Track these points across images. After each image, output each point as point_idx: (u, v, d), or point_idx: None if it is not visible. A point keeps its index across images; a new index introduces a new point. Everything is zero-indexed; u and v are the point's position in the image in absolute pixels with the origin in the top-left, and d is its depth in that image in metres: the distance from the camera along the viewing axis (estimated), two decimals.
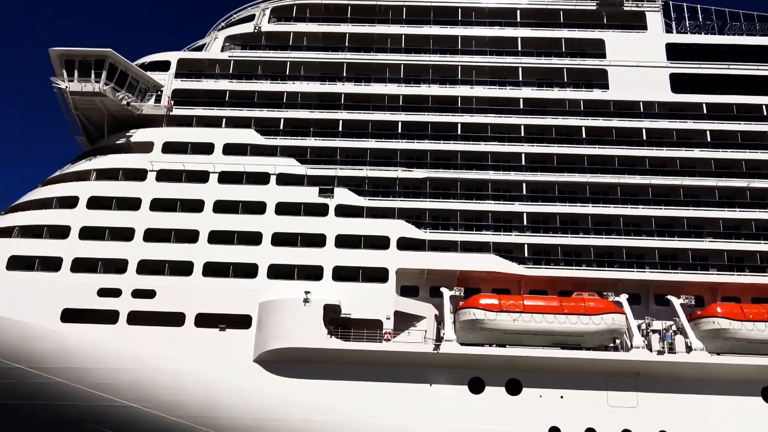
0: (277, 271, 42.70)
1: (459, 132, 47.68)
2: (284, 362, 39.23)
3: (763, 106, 48.29)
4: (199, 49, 52.87)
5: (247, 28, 52.00)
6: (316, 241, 43.77)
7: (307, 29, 51.60)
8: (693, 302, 42.21)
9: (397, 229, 44.13)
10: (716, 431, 38.04)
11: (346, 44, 51.05)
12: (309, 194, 45.34)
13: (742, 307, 40.85)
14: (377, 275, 42.75)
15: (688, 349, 39.45)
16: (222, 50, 51.48)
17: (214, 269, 42.77)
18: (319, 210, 44.82)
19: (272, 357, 39.36)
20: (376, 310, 41.16)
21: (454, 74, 49.99)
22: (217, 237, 43.73)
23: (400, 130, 47.85)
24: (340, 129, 47.98)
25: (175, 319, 40.88)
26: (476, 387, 39.09)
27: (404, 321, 41.87)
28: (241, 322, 40.83)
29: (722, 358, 39.45)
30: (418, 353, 39.50)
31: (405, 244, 43.74)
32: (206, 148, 46.92)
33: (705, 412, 38.46)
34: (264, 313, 40.70)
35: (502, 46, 50.83)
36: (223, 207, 44.73)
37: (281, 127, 48.06)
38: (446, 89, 49.32)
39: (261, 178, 45.87)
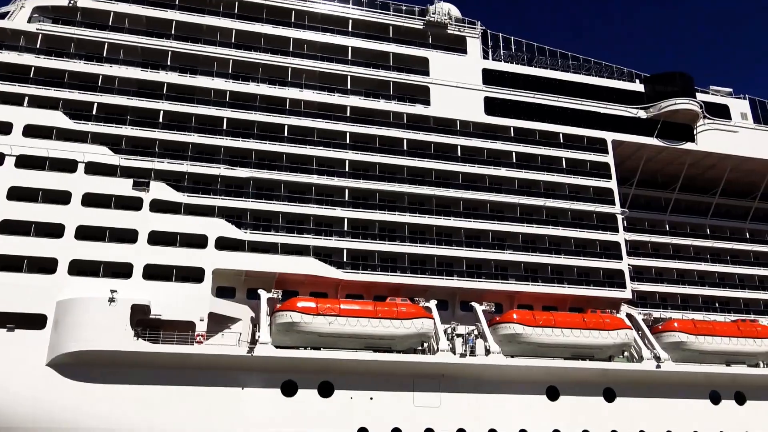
0: (81, 267, 39.61)
1: (286, 134, 47.50)
2: (84, 366, 36.26)
3: (560, 134, 53.78)
4: (2, 17, 47.33)
5: (60, 0, 47.56)
6: (127, 236, 41.19)
7: (130, 11, 48.39)
8: (493, 309, 45.87)
9: (215, 227, 42.87)
10: (508, 427, 41.43)
11: (172, 32, 48.67)
12: (122, 186, 42.51)
13: (534, 314, 45.11)
14: (192, 275, 41.21)
15: (487, 352, 42.69)
16: (29, 21, 46.58)
17: (4, 263, 38.49)
18: (133, 204, 42.21)
19: (70, 360, 36.22)
20: (189, 312, 39.67)
21: (284, 76, 49.74)
22: (10, 227, 39.50)
23: (225, 127, 46.57)
24: (161, 120, 45.58)
25: None
26: (289, 390, 39.05)
27: (219, 323, 40.82)
28: (34, 321, 37.18)
29: (514, 360, 43.18)
30: (231, 356, 38.55)
31: (223, 243, 42.65)
32: (3, 128, 42.10)
33: (499, 410, 41.73)
34: (62, 313, 37.41)
35: (333, 53, 51.56)
36: (19, 194, 40.43)
37: (94, 112, 44.53)
38: (275, 90, 48.89)
39: (67, 166, 42.16)
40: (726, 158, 57.37)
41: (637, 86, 58.37)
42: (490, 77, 54.29)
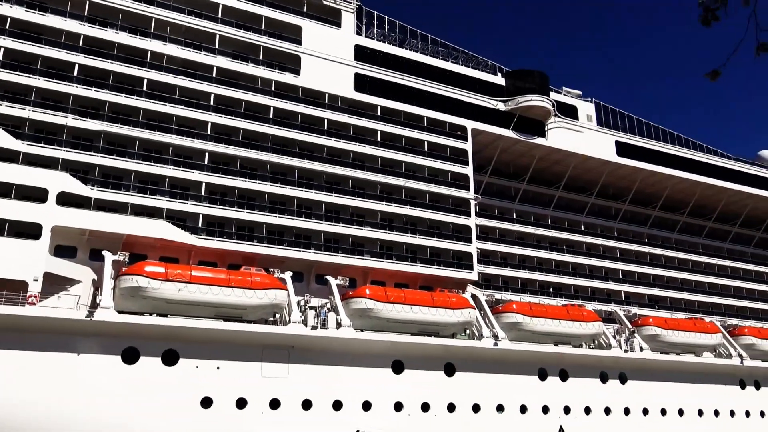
0: None
1: (144, 88, 44.77)
2: None
3: (425, 118, 55.22)
4: None
5: None
6: None
7: None
8: (347, 283, 46.52)
9: (58, 181, 39.65)
10: (353, 399, 42.43)
11: None
12: None
13: (386, 290, 46.38)
14: (28, 231, 37.97)
15: (338, 325, 43.31)
16: None
17: None
18: None
19: None
20: (21, 270, 36.56)
21: (146, 26, 46.68)
22: None
23: (76, 74, 43.00)
24: (0, 59, 41.19)
25: None
26: (130, 357, 37.31)
27: (56, 284, 38.08)
28: None
29: (363, 334, 44.20)
30: (66, 320, 36.05)
31: (66, 199, 39.62)
32: None
33: (346, 381, 42.58)
34: None
35: (202, 8, 49.08)
36: None
37: None
38: (136, 40, 45.79)
39: None
40: (571, 155, 61.96)
41: (499, 79, 61.11)
42: (361, 54, 54.35)
